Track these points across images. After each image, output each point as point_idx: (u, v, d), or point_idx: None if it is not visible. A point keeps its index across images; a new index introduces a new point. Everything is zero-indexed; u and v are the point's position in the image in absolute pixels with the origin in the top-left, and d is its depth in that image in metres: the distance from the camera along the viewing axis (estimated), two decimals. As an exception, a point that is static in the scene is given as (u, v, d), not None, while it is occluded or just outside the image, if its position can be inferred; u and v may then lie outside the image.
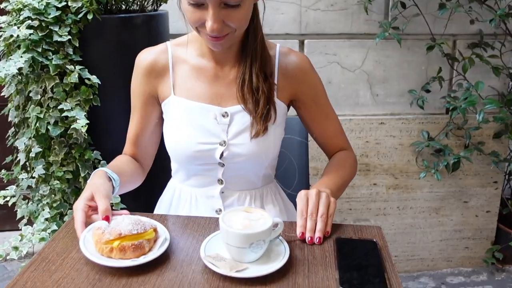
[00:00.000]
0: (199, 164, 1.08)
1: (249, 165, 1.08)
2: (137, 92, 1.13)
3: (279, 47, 1.11)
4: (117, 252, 0.79)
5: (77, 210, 0.87)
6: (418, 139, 2.12)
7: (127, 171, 1.07)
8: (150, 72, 1.09)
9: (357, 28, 1.99)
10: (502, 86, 2.13)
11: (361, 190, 2.18)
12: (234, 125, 1.05)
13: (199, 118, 1.05)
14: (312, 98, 1.13)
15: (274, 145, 1.09)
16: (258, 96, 1.03)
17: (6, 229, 2.43)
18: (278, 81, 1.08)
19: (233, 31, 0.95)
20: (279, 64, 1.08)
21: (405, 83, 2.08)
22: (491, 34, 2.03)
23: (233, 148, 1.05)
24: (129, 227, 0.81)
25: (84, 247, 0.81)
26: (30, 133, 1.48)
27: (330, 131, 1.17)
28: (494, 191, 2.25)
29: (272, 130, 1.06)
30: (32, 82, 1.45)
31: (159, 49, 1.11)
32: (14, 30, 1.39)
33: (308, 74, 1.11)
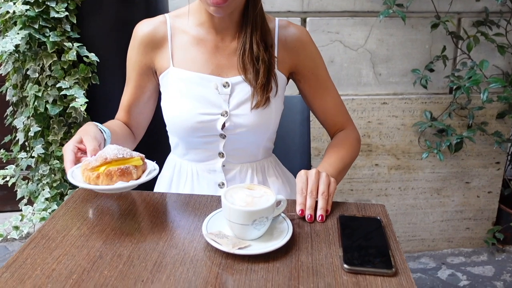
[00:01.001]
0: (200, 136, 1.07)
1: (250, 136, 1.07)
2: (133, 62, 1.11)
3: (278, 20, 1.11)
4: (103, 178, 0.78)
5: (65, 151, 0.87)
6: (420, 119, 2.10)
7: (118, 132, 1.07)
8: (148, 43, 1.08)
9: (361, 6, 1.95)
10: (506, 65, 2.10)
11: (362, 171, 2.16)
12: (236, 95, 1.05)
13: (200, 89, 1.04)
14: (311, 71, 1.12)
15: (275, 117, 1.09)
16: (259, 66, 1.03)
17: (7, 210, 2.43)
18: (278, 53, 1.08)
19: None
20: (279, 36, 1.08)
21: (408, 62, 2.04)
22: (497, 12, 2.00)
23: (234, 119, 1.04)
24: (115, 152, 0.80)
25: (71, 177, 0.79)
26: (28, 112, 1.47)
27: (330, 105, 1.16)
28: (496, 172, 2.24)
29: (273, 102, 1.06)
30: (30, 60, 1.43)
31: (157, 21, 1.09)
32: (10, 6, 1.37)
33: (308, 46, 1.11)
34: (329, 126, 1.19)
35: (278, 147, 1.27)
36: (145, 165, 0.85)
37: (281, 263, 0.74)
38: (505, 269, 2.17)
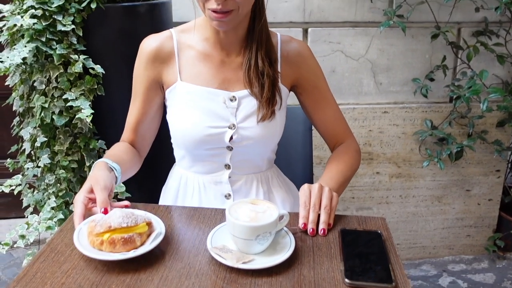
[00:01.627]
0: (207, 148, 1.09)
1: (256, 148, 1.11)
2: (140, 77, 1.13)
3: (280, 36, 1.14)
4: (107, 245, 0.78)
5: (76, 202, 0.87)
6: (421, 127, 2.12)
7: (125, 160, 1.08)
8: (155, 58, 1.10)
9: (361, 16, 1.98)
10: (506, 74, 2.12)
11: (364, 179, 2.18)
12: (242, 109, 1.08)
13: (208, 102, 1.07)
14: (312, 84, 1.15)
15: (279, 129, 1.13)
16: (264, 80, 1.06)
17: (11, 217, 2.45)
18: (281, 68, 1.11)
19: (237, 10, 0.96)
20: (281, 51, 1.12)
21: (409, 71, 2.07)
22: (496, 22, 2.02)
23: (242, 131, 1.07)
24: (119, 220, 0.80)
25: (77, 239, 0.80)
26: (35, 123, 1.49)
27: (330, 117, 1.19)
28: (497, 180, 2.25)
29: (278, 115, 1.09)
30: (37, 72, 1.46)
31: (163, 36, 1.11)
32: (17, 19, 1.39)
33: (308, 60, 1.15)
34: (329, 138, 1.21)
35: (281, 157, 1.29)
36: (151, 228, 0.84)
37: (284, 277, 0.76)
38: (506, 276, 2.19)
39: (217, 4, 0.93)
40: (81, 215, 0.86)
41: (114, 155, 1.06)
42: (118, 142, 1.17)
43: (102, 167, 0.97)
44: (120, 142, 1.17)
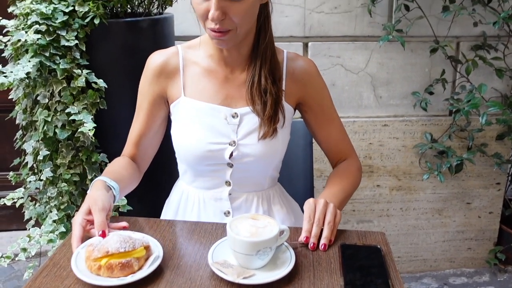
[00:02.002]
0: (208, 164, 1.10)
1: (257, 166, 1.10)
2: (145, 92, 1.14)
3: (286, 52, 1.14)
4: (104, 270, 0.78)
5: (74, 225, 0.87)
6: (421, 141, 2.13)
7: (125, 176, 1.07)
8: (161, 73, 1.11)
9: (361, 31, 2.00)
10: (505, 88, 2.13)
11: (364, 192, 2.19)
12: (244, 125, 1.08)
13: (210, 118, 1.08)
14: (317, 102, 1.15)
15: (282, 148, 1.12)
16: (266, 98, 1.06)
17: (13, 229, 2.45)
18: (285, 85, 1.11)
19: (235, 29, 0.97)
20: (287, 68, 1.12)
21: (408, 85, 2.09)
22: (495, 36, 2.04)
23: (242, 148, 1.07)
24: (117, 245, 0.79)
25: (75, 263, 0.80)
26: (37, 136, 1.50)
27: (334, 135, 1.19)
28: (497, 193, 2.26)
29: (280, 133, 1.09)
30: (40, 86, 1.47)
31: (170, 52, 1.13)
32: (22, 35, 1.41)
33: (314, 78, 1.14)
34: (332, 156, 1.22)
35: (282, 170, 1.29)
36: (149, 252, 0.84)
37: (284, 293, 0.76)
38: (507, 290, 2.18)
39: (215, 24, 0.94)
40: (79, 238, 0.85)
41: (114, 172, 1.06)
42: (118, 157, 1.17)
43: (100, 186, 0.96)
44: (121, 157, 1.17)
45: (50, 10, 1.41)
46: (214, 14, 0.92)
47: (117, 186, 0.99)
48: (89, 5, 1.43)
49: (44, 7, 1.41)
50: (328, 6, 1.96)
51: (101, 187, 0.96)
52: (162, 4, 1.68)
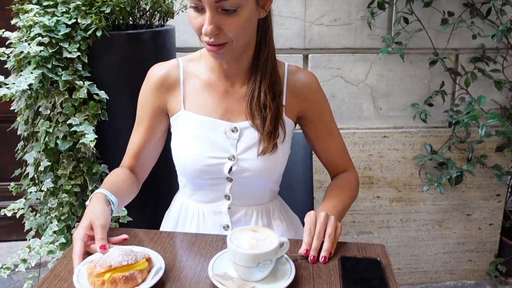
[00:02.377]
0: (207, 178, 1.09)
1: (256, 180, 1.10)
2: (146, 104, 1.14)
3: (287, 66, 1.14)
4: (108, 285, 0.78)
5: (76, 240, 0.87)
6: (421, 152, 2.14)
7: (124, 188, 1.08)
8: (161, 85, 1.11)
9: (361, 43, 2.02)
10: (504, 99, 2.15)
11: (364, 203, 2.19)
12: (243, 140, 1.07)
13: (209, 132, 1.08)
14: (318, 116, 1.15)
15: (282, 162, 1.12)
16: (265, 114, 1.05)
17: (12, 239, 2.45)
18: (286, 99, 1.11)
19: (231, 42, 0.96)
20: (288, 82, 1.11)
21: (408, 96, 2.10)
22: (493, 48, 2.06)
23: (241, 163, 1.07)
24: (119, 259, 0.80)
25: (77, 281, 0.80)
26: (39, 147, 1.51)
27: (334, 149, 1.20)
28: (497, 204, 2.26)
29: (280, 148, 1.09)
30: (42, 97, 1.48)
31: (171, 64, 1.13)
32: (24, 47, 1.43)
33: (315, 92, 1.14)
34: (331, 168, 1.23)
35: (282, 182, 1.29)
36: (151, 264, 0.85)
37: (284, 305, 0.76)
38: (508, 302, 2.17)
39: (209, 38, 0.94)
40: (80, 253, 0.85)
41: (113, 184, 1.05)
42: (117, 168, 1.17)
43: (100, 200, 0.96)
44: (120, 168, 1.17)
45: (53, 22, 1.43)
46: (207, 29, 0.92)
47: (116, 201, 0.99)
48: (91, 17, 1.45)
49: (47, 20, 1.42)
50: (328, 19, 1.98)
51: (101, 201, 0.96)
52: (163, 16, 1.70)
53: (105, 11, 1.45)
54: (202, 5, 0.92)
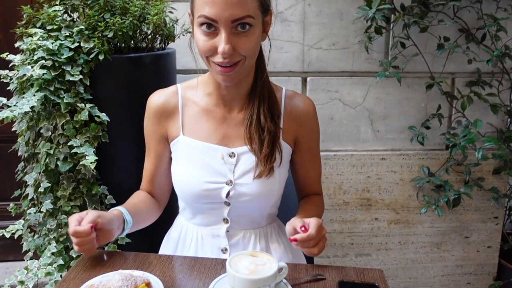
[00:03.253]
0: (205, 202, 1.11)
1: (254, 204, 1.11)
2: (149, 132, 1.18)
3: (285, 90, 1.16)
4: None
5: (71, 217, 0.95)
6: (418, 174, 2.15)
7: (142, 210, 1.12)
8: (161, 113, 1.14)
9: (358, 66, 2.05)
10: (500, 122, 2.17)
11: (362, 225, 2.19)
12: (241, 165, 1.09)
13: (207, 158, 1.10)
14: (308, 143, 1.19)
15: (279, 186, 1.13)
16: (264, 136, 1.07)
17: (9, 259, 2.43)
18: (283, 124, 1.13)
19: (243, 60, 0.98)
20: (285, 106, 1.14)
21: (405, 119, 2.12)
22: (489, 72, 2.09)
23: (239, 188, 1.08)
24: (119, 283, 0.81)
25: None
26: (39, 168, 1.52)
27: (313, 176, 1.23)
28: (495, 227, 2.26)
29: (277, 172, 1.10)
30: (43, 119, 1.50)
31: (170, 91, 1.16)
32: (28, 70, 1.45)
33: (311, 119, 1.17)
34: (304, 192, 1.26)
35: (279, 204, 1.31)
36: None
37: (283, 331, 0.77)
38: (508, 326, 2.16)
39: (223, 58, 0.95)
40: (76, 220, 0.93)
41: (133, 205, 1.11)
42: (139, 191, 1.22)
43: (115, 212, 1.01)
44: (141, 191, 1.22)
45: (56, 46, 1.46)
46: (225, 48, 0.94)
47: (131, 221, 1.03)
48: (94, 41, 1.48)
49: (50, 43, 1.45)
50: (326, 43, 2.02)
51: (115, 213, 1.00)
52: (165, 40, 1.73)
53: (108, 35, 1.48)
54: (216, 26, 0.94)
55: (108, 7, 1.52)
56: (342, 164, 2.12)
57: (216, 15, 0.93)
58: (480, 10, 1.96)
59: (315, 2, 1.98)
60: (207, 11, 0.94)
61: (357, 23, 1.98)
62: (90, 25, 1.51)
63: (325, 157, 2.08)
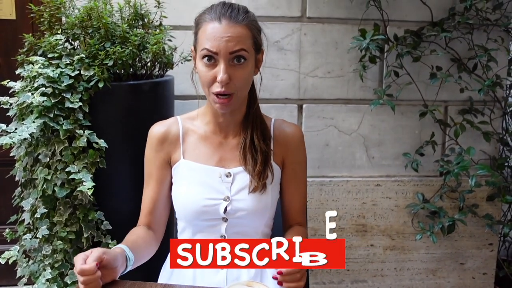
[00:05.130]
0: (204, 219, 1.18)
1: (249, 220, 1.19)
2: (151, 160, 1.25)
3: (274, 119, 1.28)
4: None
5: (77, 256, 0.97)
6: (413, 200, 2.17)
7: (142, 246, 1.15)
8: (163, 140, 1.24)
9: (353, 94, 2.09)
10: (493, 150, 2.20)
11: (358, 251, 2.19)
12: (236, 183, 1.19)
13: (206, 177, 1.19)
14: (292, 167, 1.26)
15: (272, 202, 1.22)
16: (257, 156, 1.19)
17: (2, 284, 2.41)
18: (273, 147, 1.24)
19: (237, 93, 1.12)
20: (274, 131, 1.25)
21: (399, 146, 2.15)
22: (481, 101, 2.13)
23: (235, 203, 1.17)
24: None
25: None
26: (36, 194, 1.52)
27: (296, 204, 1.29)
28: (490, 253, 2.27)
29: (270, 188, 1.20)
30: (42, 145, 1.51)
31: (170, 122, 1.26)
32: (28, 97, 1.47)
33: (296, 143, 1.27)
34: (287, 219, 1.30)
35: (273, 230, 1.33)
36: None
37: None
38: None
39: (221, 87, 1.09)
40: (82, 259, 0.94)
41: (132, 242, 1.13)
42: (135, 228, 1.24)
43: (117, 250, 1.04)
44: (138, 227, 1.25)
45: (56, 74, 1.48)
46: (223, 77, 1.08)
47: (133, 258, 1.07)
48: (94, 69, 1.51)
49: (51, 71, 1.48)
50: (322, 71, 2.06)
51: (118, 251, 1.04)
52: (163, 67, 1.76)
53: (108, 63, 1.51)
54: (216, 58, 1.09)
55: (109, 36, 1.56)
56: (337, 190, 2.13)
57: (216, 48, 1.09)
58: (471, 41, 2.02)
59: (311, 32, 2.03)
60: (209, 44, 1.09)
61: (351, 52, 2.03)
62: (90, 53, 1.54)
63: (321, 183, 2.10)
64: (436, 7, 2.04)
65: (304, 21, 2.04)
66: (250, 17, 1.15)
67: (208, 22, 1.12)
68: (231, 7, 1.14)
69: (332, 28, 2.05)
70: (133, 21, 1.67)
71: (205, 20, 1.13)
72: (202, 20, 1.14)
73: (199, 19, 1.16)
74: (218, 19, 1.11)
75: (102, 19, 1.54)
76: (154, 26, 1.73)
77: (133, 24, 1.66)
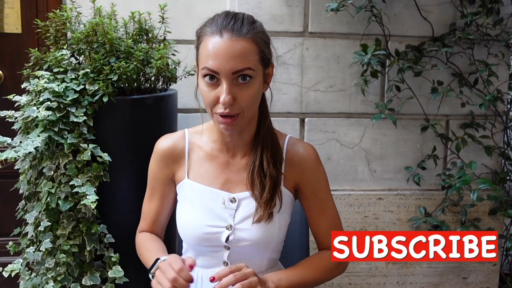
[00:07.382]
0: (206, 245, 1.14)
1: (253, 249, 1.13)
2: (155, 175, 1.21)
3: (288, 138, 1.19)
4: None
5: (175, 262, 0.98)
6: (415, 214, 2.17)
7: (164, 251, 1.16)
8: (169, 157, 1.18)
9: (355, 108, 2.10)
10: (495, 164, 2.20)
11: (360, 265, 2.19)
12: (241, 210, 1.12)
13: (209, 202, 1.13)
14: (312, 190, 1.19)
15: (279, 232, 1.15)
16: (265, 182, 1.10)
17: (3, 297, 2.41)
18: (285, 170, 1.15)
19: (242, 113, 1.03)
20: (287, 153, 1.17)
21: (401, 160, 2.15)
22: (482, 115, 2.14)
23: (238, 233, 1.11)
24: None
25: None
26: (40, 207, 1.54)
27: (323, 227, 1.21)
28: (493, 267, 2.26)
29: (277, 218, 1.12)
30: (46, 159, 1.53)
31: (177, 136, 1.20)
32: (33, 111, 1.49)
33: (312, 166, 1.18)
34: (319, 243, 1.25)
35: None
36: None
37: None
38: None
39: (224, 108, 1.00)
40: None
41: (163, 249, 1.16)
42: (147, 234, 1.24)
43: None
44: (148, 233, 1.24)
45: (62, 88, 1.50)
46: (226, 99, 0.99)
47: None
48: (99, 84, 1.52)
49: (56, 86, 1.50)
50: (324, 85, 2.07)
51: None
52: (167, 81, 1.79)
53: (113, 78, 1.53)
54: (218, 77, 1.00)
55: (114, 51, 1.58)
56: (339, 203, 2.13)
57: (217, 67, 0.99)
58: (472, 56, 2.03)
59: (313, 47, 2.05)
60: (210, 63, 1.00)
61: (353, 66, 2.05)
62: (95, 68, 1.56)
63: (323, 196, 2.10)
64: (437, 23, 2.06)
65: (306, 36, 2.06)
66: (256, 28, 1.04)
67: (209, 36, 1.01)
68: (234, 18, 1.02)
69: (334, 43, 2.07)
70: (138, 36, 1.69)
71: (205, 33, 1.02)
72: (203, 34, 1.04)
73: (200, 32, 1.05)
74: (219, 33, 0.99)
75: (107, 35, 1.57)
76: (158, 40, 1.75)
77: (138, 39, 1.69)
